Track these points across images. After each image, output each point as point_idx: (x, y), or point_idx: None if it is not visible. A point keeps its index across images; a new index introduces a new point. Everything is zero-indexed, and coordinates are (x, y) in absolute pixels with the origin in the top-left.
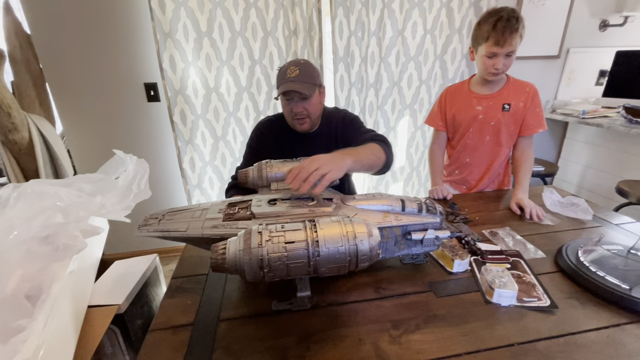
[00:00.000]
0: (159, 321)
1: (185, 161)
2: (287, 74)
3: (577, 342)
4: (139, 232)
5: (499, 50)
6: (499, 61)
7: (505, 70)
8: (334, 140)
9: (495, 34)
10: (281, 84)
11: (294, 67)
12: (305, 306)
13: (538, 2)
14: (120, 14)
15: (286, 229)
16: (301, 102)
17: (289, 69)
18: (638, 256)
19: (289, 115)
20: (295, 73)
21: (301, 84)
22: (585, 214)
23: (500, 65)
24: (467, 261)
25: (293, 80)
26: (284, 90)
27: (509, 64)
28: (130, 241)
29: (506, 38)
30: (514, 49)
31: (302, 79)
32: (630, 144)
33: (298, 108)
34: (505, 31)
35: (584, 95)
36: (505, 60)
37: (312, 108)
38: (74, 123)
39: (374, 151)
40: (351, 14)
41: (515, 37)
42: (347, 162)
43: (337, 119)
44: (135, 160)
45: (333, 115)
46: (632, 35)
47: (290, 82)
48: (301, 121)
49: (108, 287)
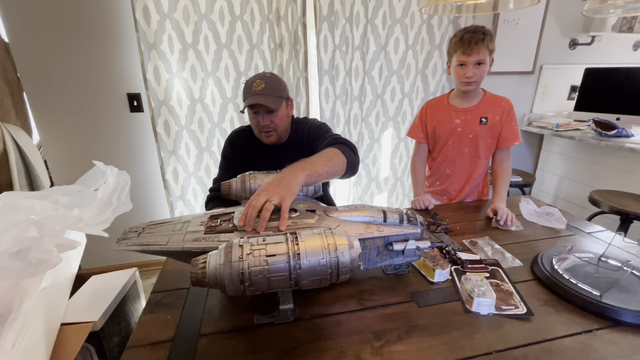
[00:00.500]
0: (136, 338)
1: (168, 172)
2: (253, 87)
3: (552, 349)
4: (117, 247)
5: (467, 58)
6: (468, 70)
7: (476, 79)
8: (302, 150)
9: (462, 44)
10: (247, 97)
11: (260, 81)
12: (288, 319)
13: (512, 22)
14: (103, 25)
15: (267, 242)
16: (268, 115)
17: (254, 82)
18: (608, 263)
19: (256, 128)
20: (261, 86)
21: (266, 97)
22: (559, 223)
23: (471, 74)
24: (448, 271)
25: (259, 93)
26: (250, 103)
27: (480, 74)
28: (109, 255)
29: (472, 47)
30: (481, 58)
31: (267, 92)
32: (600, 156)
33: (265, 121)
34: (471, 41)
35: (557, 109)
36: (475, 69)
37: (278, 121)
38: (52, 133)
39: (330, 156)
40: (335, 28)
41: (481, 47)
42: (298, 179)
43: (304, 128)
44: (116, 171)
45: (301, 125)
46: (599, 53)
47: (255, 96)
48: (268, 134)
49: (83, 303)
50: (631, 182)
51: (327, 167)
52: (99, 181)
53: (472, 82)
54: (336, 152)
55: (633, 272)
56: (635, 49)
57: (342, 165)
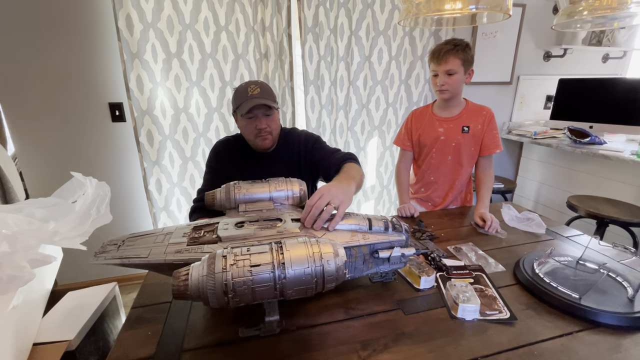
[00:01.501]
0: (114, 356)
1: (151, 183)
2: (249, 92)
3: (535, 353)
4: (95, 260)
5: (438, 68)
6: (440, 78)
7: (448, 88)
8: (296, 160)
9: (434, 56)
10: (244, 101)
11: (255, 86)
12: (274, 331)
13: (490, 35)
14: (83, 33)
15: (252, 252)
16: (265, 119)
17: (249, 87)
18: (586, 266)
19: (252, 132)
20: (257, 91)
21: (265, 100)
22: (539, 228)
23: (442, 82)
24: (433, 277)
25: (257, 96)
26: (253, 105)
27: (452, 83)
28: (89, 270)
29: (442, 57)
30: (450, 68)
31: (264, 95)
32: (576, 162)
33: (262, 124)
34: (441, 52)
35: (534, 118)
36: (446, 78)
37: (274, 124)
38: (29, 144)
39: (359, 170)
40: (320, 39)
41: (449, 58)
42: (352, 188)
43: (296, 139)
44: (95, 183)
45: (292, 134)
46: (571, 65)
47: (255, 99)
48: (264, 137)
49: (58, 321)
50: (605, 187)
51: (361, 181)
52: (77, 193)
53: (445, 90)
54: (359, 169)
55: (609, 274)
56: (604, 61)
57: (364, 180)
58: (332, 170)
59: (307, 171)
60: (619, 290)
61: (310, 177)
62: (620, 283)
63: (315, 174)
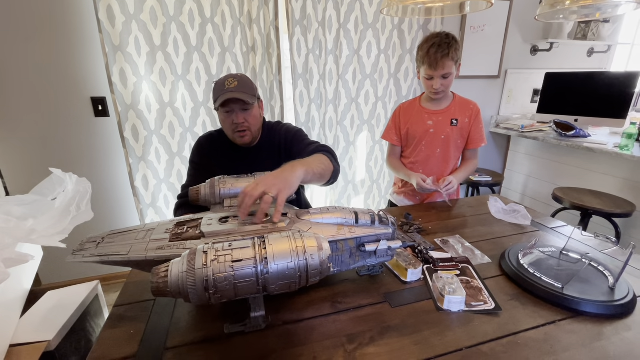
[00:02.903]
0: (95, 356)
1: (137, 179)
2: (226, 86)
3: (519, 342)
4: (72, 258)
5: (434, 73)
6: (436, 82)
7: (444, 89)
8: (277, 154)
9: (429, 59)
10: (220, 95)
11: (232, 79)
12: (259, 326)
13: (478, 28)
14: (64, 25)
15: (234, 247)
16: (242, 113)
17: (226, 81)
18: (569, 257)
19: (230, 127)
20: (234, 84)
21: (241, 93)
22: (524, 219)
23: (438, 86)
24: (420, 270)
25: (233, 90)
26: (226, 98)
27: (447, 84)
28: (70, 269)
29: (438, 62)
30: (447, 71)
31: (241, 89)
32: (562, 155)
33: (239, 119)
34: (437, 57)
35: (522, 112)
36: (442, 81)
37: (252, 120)
38: (8, 140)
39: (323, 161)
40: (309, 32)
41: (446, 61)
42: (297, 173)
43: (279, 132)
44: (75, 179)
45: (275, 128)
46: (557, 59)
47: (230, 92)
48: (242, 134)
49: (37, 321)
50: (590, 179)
51: (320, 169)
52: (57, 190)
53: (441, 92)
54: (325, 159)
55: (591, 264)
56: (589, 55)
57: (329, 171)
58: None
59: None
60: (600, 279)
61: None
62: (601, 272)
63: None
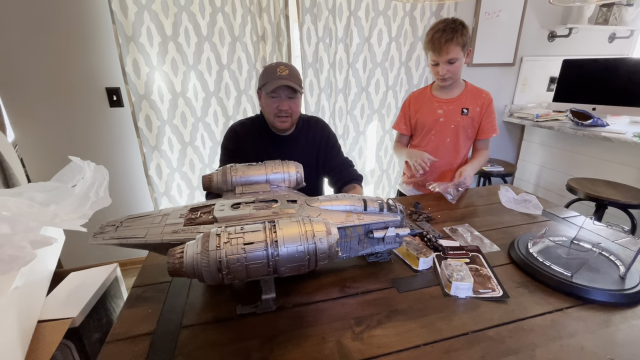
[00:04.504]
0: (116, 332)
1: (151, 168)
2: (278, 72)
3: (525, 327)
4: (93, 240)
5: (438, 58)
6: (441, 68)
7: (450, 75)
8: (314, 151)
9: (433, 44)
10: (271, 80)
11: (284, 67)
12: (270, 308)
13: (493, 14)
14: (78, 16)
15: (245, 230)
16: (287, 101)
17: (278, 68)
18: (580, 246)
19: (273, 112)
20: (286, 72)
21: (292, 82)
22: (536, 209)
23: (444, 72)
24: (431, 258)
25: (285, 77)
26: (278, 85)
27: (454, 70)
28: (90, 254)
29: (442, 47)
30: (453, 57)
31: (291, 78)
32: (578, 145)
33: (284, 105)
34: (440, 41)
35: (537, 100)
36: (448, 67)
37: (295, 107)
38: (28, 131)
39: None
40: (319, 20)
41: (451, 46)
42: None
43: (316, 128)
44: (93, 166)
45: (312, 123)
46: (576, 45)
47: (282, 79)
48: (284, 119)
49: (62, 299)
50: (606, 170)
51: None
52: (76, 177)
53: (448, 78)
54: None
55: (601, 253)
56: (610, 40)
57: None
58: (339, 182)
59: (322, 163)
60: (611, 268)
61: (322, 169)
62: (612, 261)
63: (322, 169)
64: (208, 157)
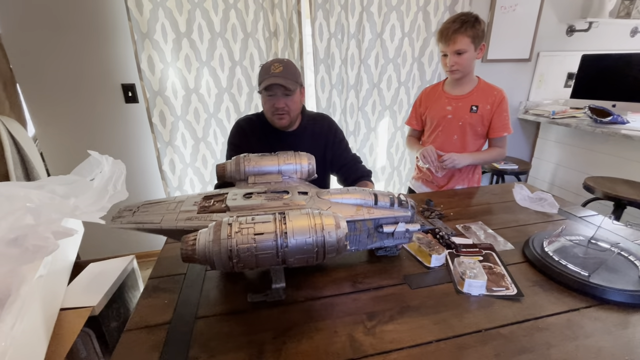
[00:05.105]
0: (134, 321)
1: (165, 163)
2: (271, 70)
3: (540, 326)
4: (112, 224)
5: (446, 48)
6: (449, 59)
7: (458, 67)
8: (321, 147)
9: (441, 34)
10: (265, 79)
11: (278, 64)
12: (280, 297)
13: (509, 8)
14: (95, 14)
15: (256, 220)
16: (283, 98)
17: (272, 65)
18: (598, 245)
19: (270, 110)
20: (279, 69)
21: (285, 79)
22: (551, 207)
23: (452, 63)
24: (444, 255)
25: (277, 75)
26: (269, 83)
27: (462, 62)
28: (106, 246)
29: (450, 37)
30: (460, 48)
31: (285, 75)
32: (596, 143)
33: (280, 103)
34: (448, 32)
35: (553, 97)
36: (456, 58)
37: (293, 105)
38: (48, 125)
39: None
40: (331, 16)
41: (458, 37)
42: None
43: (322, 125)
44: (111, 161)
45: (318, 120)
46: (596, 39)
47: (274, 77)
48: (281, 116)
49: (82, 288)
50: (625, 169)
51: None
52: (94, 171)
53: (455, 70)
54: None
55: (620, 253)
56: (632, 35)
57: None
58: (349, 179)
59: (329, 160)
60: (630, 268)
61: (330, 166)
62: (632, 262)
63: (331, 167)
64: (220, 153)
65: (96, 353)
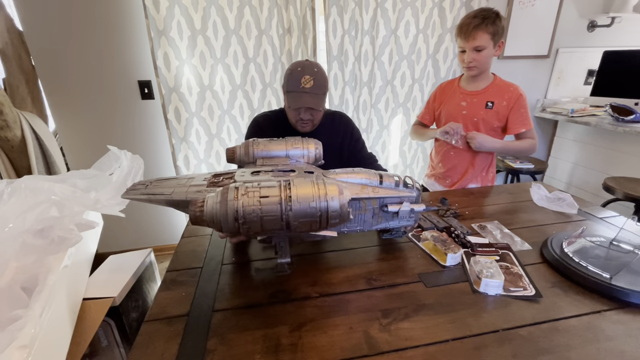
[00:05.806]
0: (154, 312)
1: (179, 159)
2: (302, 84)
3: (559, 328)
4: (126, 195)
5: (465, 44)
6: (468, 55)
7: (476, 64)
8: (338, 146)
9: (461, 30)
10: (294, 92)
11: (309, 77)
12: (285, 271)
13: (528, 3)
14: (114, 11)
15: (262, 185)
16: (310, 110)
17: (303, 78)
18: (620, 247)
19: (294, 118)
20: (310, 84)
21: (314, 96)
22: (570, 208)
23: (470, 59)
24: (460, 254)
25: (308, 92)
26: (300, 105)
27: (480, 59)
28: (123, 239)
29: (469, 33)
30: (479, 44)
31: (315, 90)
32: (616, 142)
33: (306, 115)
34: (469, 27)
35: (572, 95)
36: (474, 55)
37: (318, 116)
38: (67, 121)
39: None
40: (345, 12)
41: (478, 33)
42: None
43: (340, 122)
44: (129, 156)
45: (336, 117)
46: (619, 35)
47: (305, 95)
48: (304, 125)
49: (103, 280)
50: None
51: None
52: (113, 165)
53: (473, 67)
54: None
55: None
56: None
57: None
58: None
59: (346, 158)
60: None
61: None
62: None
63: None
64: None
65: (116, 342)
